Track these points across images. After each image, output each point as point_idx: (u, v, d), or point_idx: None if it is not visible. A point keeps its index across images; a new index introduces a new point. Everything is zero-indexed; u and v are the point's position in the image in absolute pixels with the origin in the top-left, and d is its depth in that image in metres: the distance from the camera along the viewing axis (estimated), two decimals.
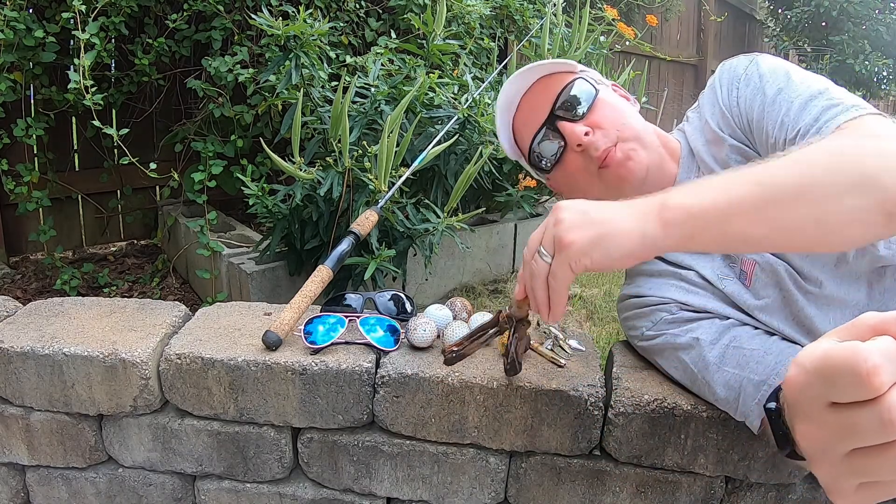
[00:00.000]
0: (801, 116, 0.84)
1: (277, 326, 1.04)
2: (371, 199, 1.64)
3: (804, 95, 0.85)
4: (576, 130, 0.99)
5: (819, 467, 0.49)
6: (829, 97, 0.83)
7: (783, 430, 0.62)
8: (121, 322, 1.13)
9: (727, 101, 0.97)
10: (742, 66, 0.96)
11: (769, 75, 0.92)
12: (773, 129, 0.88)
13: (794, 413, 0.52)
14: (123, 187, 2.59)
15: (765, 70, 0.93)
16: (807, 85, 0.87)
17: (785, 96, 0.88)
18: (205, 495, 1.14)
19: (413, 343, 1.05)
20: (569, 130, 0.99)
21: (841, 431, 0.44)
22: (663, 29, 5.99)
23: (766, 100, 0.90)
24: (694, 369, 0.95)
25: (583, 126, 0.99)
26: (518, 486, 1.07)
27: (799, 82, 0.88)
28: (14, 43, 1.87)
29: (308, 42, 1.77)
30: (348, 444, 1.06)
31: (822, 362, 0.45)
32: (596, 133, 0.99)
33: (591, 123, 1.00)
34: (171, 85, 2.42)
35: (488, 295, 2.45)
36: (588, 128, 0.99)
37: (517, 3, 2.64)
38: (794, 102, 0.86)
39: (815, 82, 0.87)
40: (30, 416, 1.10)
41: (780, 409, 0.64)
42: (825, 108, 0.81)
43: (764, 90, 0.91)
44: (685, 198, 0.68)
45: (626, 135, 0.99)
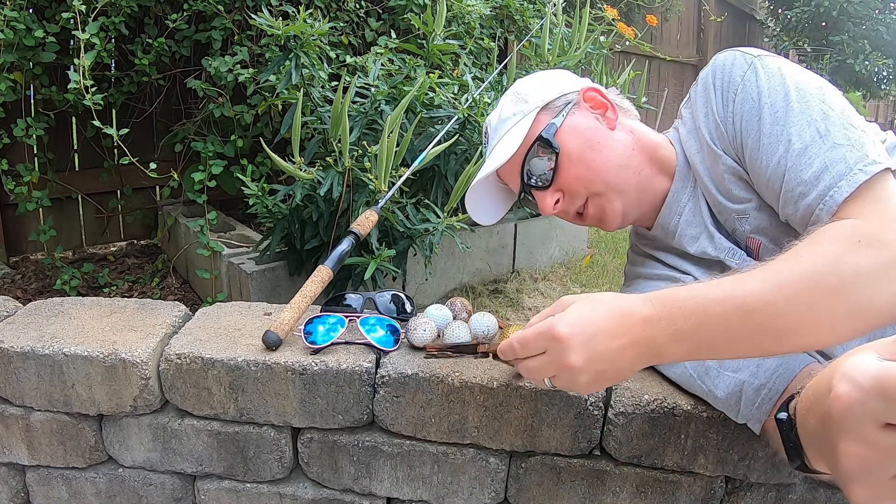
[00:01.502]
0: (800, 168, 0.80)
1: (277, 326, 1.04)
2: (371, 199, 1.64)
3: (805, 134, 0.81)
4: (546, 202, 0.99)
5: (859, 488, 0.48)
6: (831, 141, 0.79)
7: (793, 443, 0.62)
8: (121, 322, 1.13)
9: (722, 114, 0.90)
10: (739, 72, 0.88)
11: (768, 94, 0.85)
12: (766, 170, 0.84)
13: (838, 430, 0.50)
14: (123, 187, 2.59)
15: (764, 85, 0.85)
16: (808, 115, 0.81)
17: (782, 130, 0.82)
18: (205, 495, 1.14)
19: (413, 343, 1.05)
20: (540, 202, 1.01)
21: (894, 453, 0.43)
22: (663, 29, 5.99)
23: (763, 129, 0.84)
24: (693, 373, 0.95)
25: (552, 195, 0.99)
26: (518, 486, 1.07)
27: (798, 109, 0.82)
28: (14, 43, 1.87)
29: (308, 42, 1.77)
30: (348, 444, 1.06)
31: (884, 381, 0.44)
32: (565, 199, 1.00)
33: (560, 187, 0.99)
34: (171, 85, 2.42)
35: (488, 295, 2.45)
36: (558, 193, 0.99)
37: (517, 3, 2.63)
38: (792, 142, 0.81)
39: (815, 106, 0.82)
40: (30, 416, 1.10)
41: (791, 421, 0.64)
42: (827, 167, 0.78)
43: (761, 115, 0.85)
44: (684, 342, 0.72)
45: (596, 189, 0.98)
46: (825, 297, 0.69)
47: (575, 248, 2.93)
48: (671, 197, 1.01)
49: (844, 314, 0.69)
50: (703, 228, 0.99)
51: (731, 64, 0.90)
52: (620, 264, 2.83)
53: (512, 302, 2.38)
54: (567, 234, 2.88)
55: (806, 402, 0.62)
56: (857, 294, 0.69)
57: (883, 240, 0.70)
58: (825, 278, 0.69)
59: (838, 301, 0.69)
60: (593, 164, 0.97)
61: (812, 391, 0.61)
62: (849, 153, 0.78)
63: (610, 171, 0.97)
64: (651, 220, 1.05)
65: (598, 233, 3.48)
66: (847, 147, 0.78)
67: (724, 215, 0.96)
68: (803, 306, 0.69)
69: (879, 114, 10.69)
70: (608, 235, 3.45)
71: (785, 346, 0.73)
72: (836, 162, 0.78)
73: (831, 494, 1.02)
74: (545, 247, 2.78)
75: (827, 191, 0.77)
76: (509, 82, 2.21)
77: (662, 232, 1.04)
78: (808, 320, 0.69)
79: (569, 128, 0.98)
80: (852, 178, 0.76)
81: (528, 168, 0.99)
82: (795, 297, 0.69)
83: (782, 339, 0.71)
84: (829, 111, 0.82)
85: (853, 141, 0.78)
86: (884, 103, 9.99)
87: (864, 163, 0.76)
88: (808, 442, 0.62)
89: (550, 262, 2.81)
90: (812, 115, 0.81)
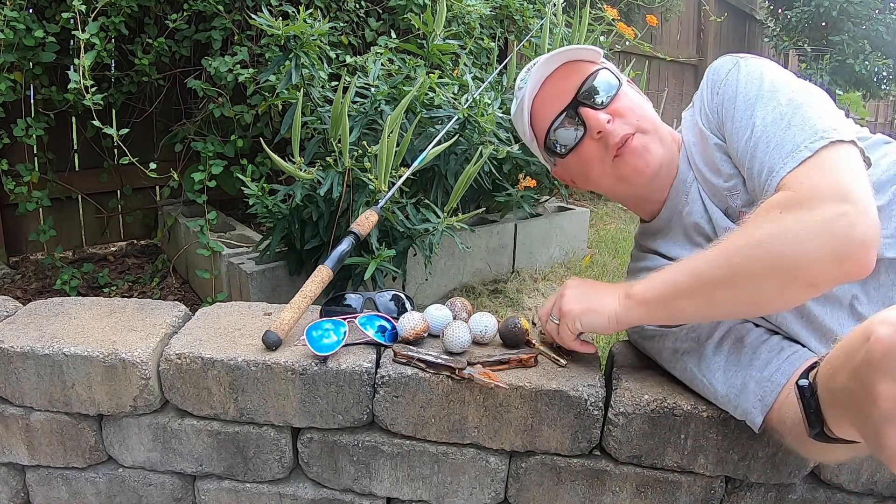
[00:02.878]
0: (759, 149, 0.87)
1: (277, 326, 1.04)
2: (371, 199, 1.64)
3: (768, 118, 0.87)
4: (599, 117, 0.99)
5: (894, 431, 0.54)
6: (788, 123, 0.85)
7: (814, 408, 0.67)
8: (121, 322, 1.13)
9: (710, 104, 0.98)
10: (725, 70, 0.97)
11: (745, 84, 0.93)
12: (737, 151, 0.92)
13: (877, 374, 0.56)
14: (123, 187, 2.59)
15: (742, 78, 0.94)
16: (774, 101, 0.88)
17: (749, 115, 0.90)
18: (205, 495, 1.14)
19: (401, 336, 1.06)
20: (591, 116, 1.00)
21: None
22: (663, 29, 5.99)
23: (736, 114, 0.92)
24: (695, 369, 0.95)
25: (605, 114, 1.00)
26: (518, 486, 1.07)
27: (768, 96, 0.89)
28: (14, 43, 1.87)
29: (308, 42, 1.77)
30: (348, 444, 1.06)
31: None
32: (616, 121, 1.00)
33: (613, 112, 1.00)
34: (171, 85, 2.42)
35: (488, 295, 2.45)
36: (609, 116, 1.00)
37: (517, 3, 2.63)
38: (756, 125, 0.88)
39: (784, 95, 0.88)
40: (30, 416, 1.10)
41: (812, 387, 0.69)
42: (779, 145, 0.84)
43: (735, 102, 0.93)
44: (642, 290, 0.90)
45: (644, 127, 1.01)
46: (744, 256, 0.79)
47: (575, 248, 2.93)
48: (679, 178, 1.04)
49: (766, 273, 0.77)
50: (702, 208, 1.02)
51: (720, 65, 1.00)
52: (620, 264, 2.83)
53: (512, 302, 2.38)
54: (567, 234, 2.88)
55: (832, 364, 0.66)
56: (778, 253, 0.76)
57: (801, 203, 0.77)
58: (744, 241, 0.79)
59: (757, 259, 0.78)
60: (647, 111, 1.04)
61: (841, 351, 0.66)
62: (800, 133, 0.83)
63: (658, 123, 1.05)
64: (658, 209, 1.07)
65: (598, 233, 3.48)
66: (800, 128, 0.83)
67: (717, 196, 0.99)
68: (727, 263, 0.80)
69: (879, 114, 10.69)
70: (607, 236, 3.45)
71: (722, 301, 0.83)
72: (786, 142, 0.84)
73: (831, 494, 1.02)
74: (545, 247, 2.78)
75: (774, 167, 0.83)
76: (509, 82, 2.21)
77: (669, 213, 1.06)
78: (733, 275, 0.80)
79: (626, 85, 1.06)
80: (797, 156, 0.81)
81: (592, 83, 1.02)
82: (720, 254, 0.81)
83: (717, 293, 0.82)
84: (797, 98, 0.87)
85: (809, 121, 0.84)
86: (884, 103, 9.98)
87: (811, 140, 0.81)
88: (834, 402, 0.66)
89: (550, 262, 2.81)
90: (779, 101, 0.88)
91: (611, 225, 3.70)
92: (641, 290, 0.89)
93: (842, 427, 0.69)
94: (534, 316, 2.30)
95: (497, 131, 1.98)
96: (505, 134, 2.04)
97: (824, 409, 0.67)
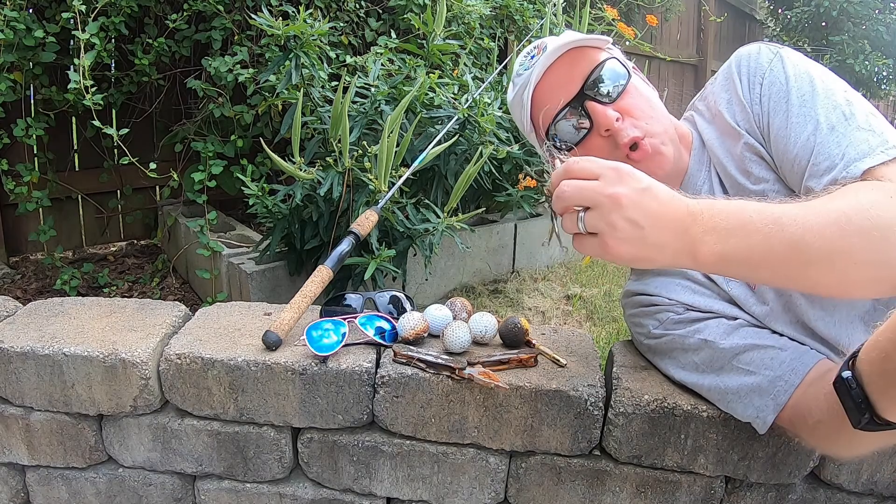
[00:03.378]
0: (828, 144, 0.83)
1: (277, 326, 1.04)
2: (371, 199, 1.64)
3: (832, 116, 0.84)
4: (608, 114, 0.93)
5: None
6: (856, 123, 0.83)
7: (861, 399, 0.66)
8: (121, 322, 1.13)
9: (748, 96, 0.93)
10: (766, 60, 0.92)
11: (795, 79, 0.89)
12: (794, 147, 0.86)
13: None
14: (123, 187, 2.59)
15: (791, 71, 0.89)
16: (832, 100, 0.85)
17: (810, 111, 0.86)
18: (205, 495, 1.14)
19: (401, 336, 1.06)
20: (600, 113, 0.93)
21: None
22: (663, 29, 5.99)
23: (791, 109, 0.87)
24: (705, 368, 0.95)
25: (613, 111, 0.94)
26: (518, 486, 1.07)
27: (824, 94, 0.86)
28: (14, 43, 1.87)
29: (308, 42, 1.77)
30: (348, 444, 1.06)
31: None
32: (626, 120, 0.94)
33: (622, 109, 0.94)
34: (171, 85, 2.42)
35: (488, 295, 2.45)
36: (618, 113, 0.94)
37: (517, 3, 2.63)
38: (820, 122, 0.84)
39: (840, 94, 0.86)
40: (30, 416, 1.10)
41: (857, 378, 0.67)
42: (853, 142, 0.81)
43: (789, 97, 0.88)
44: (722, 244, 0.70)
45: (654, 128, 0.95)
46: (854, 235, 0.70)
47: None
48: (688, 179, 1.02)
49: (868, 260, 0.70)
50: None
51: (756, 53, 0.94)
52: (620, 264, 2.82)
53: (512, 302, 2.38)
54: (567, 234, 2.88)
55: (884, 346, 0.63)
56: (883, 242, 0.70)
57: None
58: (858, 217, 0.70)
59: (866, 243, 0.70)
60: (656, 109, 0.98)
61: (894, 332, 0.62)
62: (871, 137, 0.81)
63: (667, 123, 0.99)
64: None
65: None
66: (869, 132, 0.82)
67: (741, 194, 0.95)
68: (834, 237, 0.70)
69: None
70: None
71: (808, 275, 0.72)
72: (860, 142, 0.81)
73: (831, 494, 1.02)
74: (545, 247, 2.78)
75: (851, 163, 0.80)
76: (509, 82, 2.21)
77: None
78: (834, 255, 0.70)
79: (636, 76, 1.01)
80: (875, 157, 0.79)
81: (596, 76, 0.95)
82: (827, 226, 0.70)
83: (807, 268, 0.71)
84: (852, 98, 0.86)
85: (874, 127, 0.82)
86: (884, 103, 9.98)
87: (885, 146, 0.80)
88: (891, 384, 0.63)
89: (550, 262, 2.81)
90: (837, 101, 0.85)
91: None
92: (720, 250, 0.71)
93: None
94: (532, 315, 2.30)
95: (497, 131, 1.98)
96: (505, 134, 2.04)
97: (875, 395, 0.64)
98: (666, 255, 0.71)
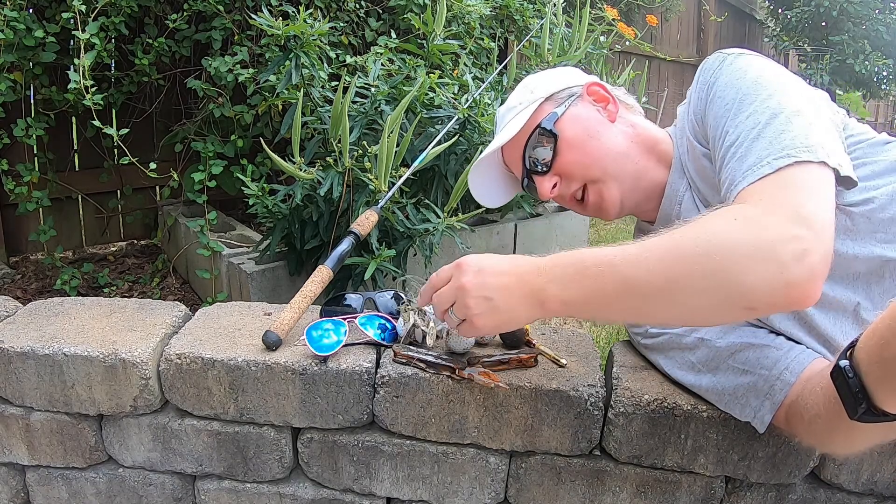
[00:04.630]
0: (727, 160, 0.82)
1: (277, 326, 1.04)
2: (371, 199, 1.64)
3: (742, 128, 0.82)
4: (543, 186, 1.03)
5: None
6: (759, 134, 0.79)
7: (858, 388, 0.65)
8: (121, 322, 1.13)
9: (697, 107, 0.94)
10: (711, 70, 0.93)
11: (723, 89, 0.88)
12: (717, 160, 0.87)
13: None
14: (123, 187, 2.59)
15: (723, 81, 0.89)
16: (749, 113, 0.82)
17: (726, 123, 0.85)
18: (205, 495, 1.14)
19: (401, 335, 1.07)
20: (539, 186, 1.04)
21: None
22: (663, 29, 5.99)
23: (718, 122, 0.87)
24: (701, 368, 0.95)
25: (550, 179, 1.02)
26: (518, 486, 1.07)
27: (748, 102, 0.83)
28: (14, 43, 1.87)
29: (308, 42, 1.77)
30: (348, 444, 1.06)
31: None
32: (562, 183, 1.03)
33: (558, 172, 1.02)
34: (171, 85, 2.42)
35: None
36: (556, 178, 1.03)
37: (517, 3, 2.63)
38: (729, 134, 0.83)
39: (762, 107, 0.82)
40: (30, 416, 1.10)
41: (854, 367, 0.66)
42: (743, 157, 0.79)
43: (714, 107, 0.89)
44: (563, 291, 0.77)
45: (593, 175, 1.01)
46: (685, 263, 0.70)
47: (575, 247, 2.93)
48: (670, 188, 1.02)
49: (704, 287, 0.70)
50: None
51: (710, 62, 0.95)
52: None
53: None
54: (567, 234, 2.88)
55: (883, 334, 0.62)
56: (722, 268, 0.68)
57: (761, 221, 0.70)
58: (689, 245, 0.70)
59: (699, 270, 0.69)
60: (591, 151, 1.01)
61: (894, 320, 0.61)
62: (768, 146, 0.77)
63: (607, 159, 1.01)
64: (653, 213, 1.06)
65: (598, 233, 3.48)
66: (769, 140, 0.78)
67: (713, 203, 0.95)
68: (665, 269, 0.71)
69: (879, 114, 10.68)
70: (608, 236, 3.45)
71: (652, 311, 0.75)
72: (750, 155, 0.79)
73: (831, 494, 1.02)
74: (545, 247, 2.78)
75: (735, 179, 0.79)
76: (509, 82, 2.21)
77: (665, 224, 1.04)
78: (669, 286, 0.71)
79: (570, 117, 1.03)
80: (757, 171, 0.76)
81: (529, 154, 1.03)
82: (659, 260, 0.71)
83: (646, 302, 0.73)
84: (778, 106, 0.81)
85: (781, 135, 0.78)
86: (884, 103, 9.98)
87: (775, 156, 0.76)
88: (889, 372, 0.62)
89: None
90: (755, 108, 0.82)
91: (611, 225, 3.70)
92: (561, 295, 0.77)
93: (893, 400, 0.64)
94: None
95: None
96: None
97: (872, 385, 0.64)
98: (520, 314, 0.80)
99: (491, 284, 0.80)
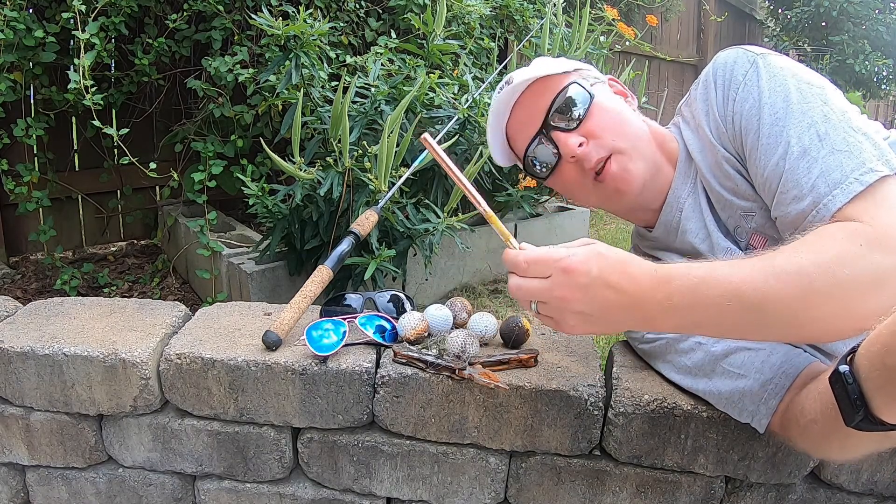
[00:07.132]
0: (798, 171, 0.80)
1: (277, 326, 1.04)
2: (371, 199, 1.64)
3: (805, 137, 0.80)
4: (569, 143, 0.95)
5: None
6: (831, 144, 0.78)
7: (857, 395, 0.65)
8: (121, 322, 1.13)
9: (722, 111, 0.90)
10: (741, 70, 0.88)
11: (768, 94, 0.84)
12: (765, 170, 0.84)
13: None
14: (123, 187, 2.60)
15: (765, 85, 0.85)
16: (808, 117, 0.81)
17: (781, 131, 0.82)
18: (205, 495, 1.14)
19: (401, 336, 1.06)
20: (562, 142, 0.96)
21: None
22: (663, 29, 5.99)
23: (763, 129, 0.84)
24: (697, 372, 0.95)
25: (577, 137, 0.95)
26: (518, 486, 1.07)
27: (799, 110, 0.82)
28: (14, 43, 1.87)
29: (308, 42, 1.77)
30: (348, 444, 1.06)
31: None
32: (590, 144, 0.95)
33: (586, 132, 0.95)
34: (171, 85, 2.42)
35: (488, 295, 2.45)
36: (582, 138, 0.95)
37: (517, 3, 2.63)
38: (791, 145, 0.81)
39: (817, 109, 0.81)
40: (30, 416, 1.10)
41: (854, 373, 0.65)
42: (825, 170, 0.77)
43: (761, 115, 0.85)
44: (679, 319, 0.74)
45: (621, 145, 0.95)
46: (818, 295, 0.70)
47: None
48: (672, 194, 1.01)
49: (835, 314, 0.70)
50: (701, 225, 0.99)
51: (733, 62, 0.90)
52: None
53: (512, 302, 2.37)
54: (567, 233, 2.88)
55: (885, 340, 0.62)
56: (851, 296, 0.69)
57: (885, 245, 0.70)
58: (821, 276, 0.69)
59: (831, 300, 0.70)
60: (624, 122, 0.98)
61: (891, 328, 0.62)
62: (846, 160, 0.77)
63: (635, 137, 0.97)
64: (653, 218, 1.05)
65: (598, 232, 3.48)
66: (845, 153, 0.77)
67: (727, 212, 0.95)
68: (796, 301, 0.70)
69: (879, 114, 10.69)
70: (608, 236, 3.45)
71: (771, 336, 0.77)
72: (832, 169, 0.77)
73: (831, 494, 1.02)
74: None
75: (821, 198, 0.77)
76: None
77: (664, 230, 1.04)
78: (799, 315, 0.70)
79: (600, 92, 1.00)
80: (847, 188, 0.75)
81: (558, 105, 0.96)
82: (788, 290, 0.70)
83: (770, 330, 0.73)
84: (831, 113, 0.81)
85: (852, 146, 0.78)
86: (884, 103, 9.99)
87: (860, 171, 0.76)
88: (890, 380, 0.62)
89: None
90: (813, 118, 0.81)
91: (611, 225, 3.70)
92: (673, 323, 0.75)
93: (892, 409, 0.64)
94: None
95: None
96: None
97: (871, 392, 0.63)
98: (620, 328, 0.80)
99: (596, 302, 0.75)
